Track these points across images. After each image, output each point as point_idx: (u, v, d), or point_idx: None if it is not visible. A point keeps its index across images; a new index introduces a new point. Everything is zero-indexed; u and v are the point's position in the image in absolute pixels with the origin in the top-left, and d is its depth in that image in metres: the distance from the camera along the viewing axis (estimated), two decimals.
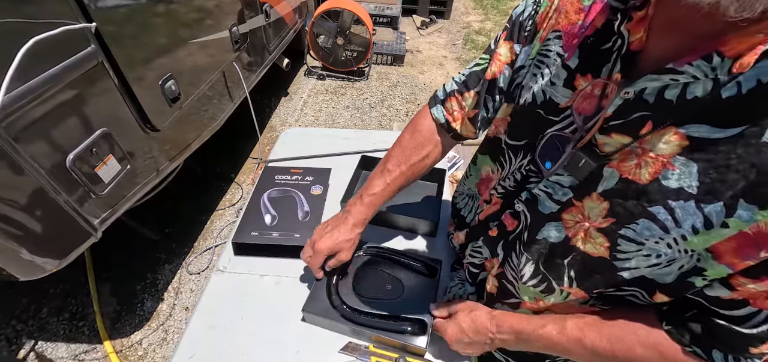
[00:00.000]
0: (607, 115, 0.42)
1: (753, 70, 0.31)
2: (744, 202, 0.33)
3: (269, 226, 0.87)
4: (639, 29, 0.39)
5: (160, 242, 1.93)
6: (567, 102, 0.48)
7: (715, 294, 0.39)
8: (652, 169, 0.39)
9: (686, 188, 0.36)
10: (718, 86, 0.33)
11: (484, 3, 5.49)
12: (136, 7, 1.17)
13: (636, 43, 0.39)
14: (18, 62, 0.78)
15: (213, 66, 1.62)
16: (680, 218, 0.37)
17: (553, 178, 0.50)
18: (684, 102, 0.36)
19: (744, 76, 0.32)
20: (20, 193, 0.88)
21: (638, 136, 0.39)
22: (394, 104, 3.17)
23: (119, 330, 1.60)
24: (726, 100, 0.33)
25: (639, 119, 0.39)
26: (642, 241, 0.41)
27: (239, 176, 2.37)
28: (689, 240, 0.38)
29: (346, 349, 0.69)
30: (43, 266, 0.97)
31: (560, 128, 0.49)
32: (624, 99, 0.40)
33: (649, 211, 0.39)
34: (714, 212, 0.35)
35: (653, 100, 0.38)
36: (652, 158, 0.38)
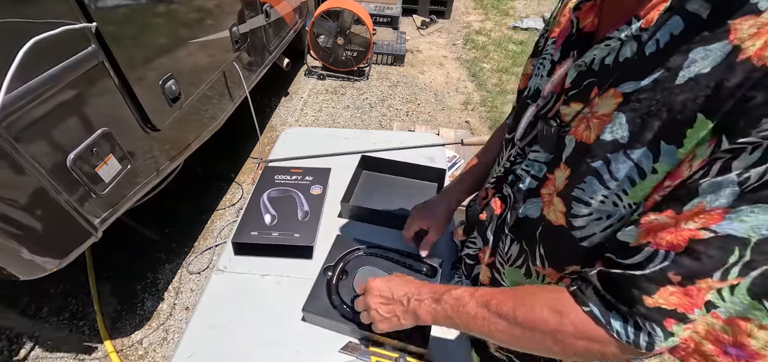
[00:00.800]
0: (566, 86, 0.48)
1: (666, 27, 0.36)
2: (665, 144, 0.35)
3: (269, 226, 0.87)
4: (589, 16, 0.47)
5: (160, 242, 1.93)
6: (547, 88, 0.54)
7: (624, 239, 0.40)
8: (597, 128, 0.42)
9: (619, 139, 0.39)
10: (641, 45, 0.38)
11: (485, 3, 5.49)
12: (136, 7, 1.17)
13: (588, 27, 0.47)
14: (18, 62, 0.79)
15: (213, 66, 1.63)
16: (615, 169, 0.40)
17: (531, 156, 0.53)
18: (618, 64, 0.41)
19: (660, 33, 0.37)
20: (21, 192, 0.88)
21: (588, 101, 0.44)
22: (395, 103, 3.17)
23: (120, 330, 1.60)
24: (649, 56, 0.37)
25: (588, 85, 0.44)
26: (589, 201, 0.43)
27: (239, 176, 2.37)
28: (630, 194, 0.39)
29: (346, 349, 0.69)
30: (44, 266, 0.97)
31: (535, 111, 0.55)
32: (578, 71, 0.46)
33: (592, 167, 0.42)
34: (643, 159, 0.37)
35: (598, 67, 0.44)
36: (597, 118, 0.42)
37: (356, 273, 0.77)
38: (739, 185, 0.31)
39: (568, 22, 0.52)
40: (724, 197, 0.32)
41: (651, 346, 0.37)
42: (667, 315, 0.36)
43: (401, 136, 1.28)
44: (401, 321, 0.59)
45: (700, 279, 0.34)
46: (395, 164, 1.06)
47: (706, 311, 0.35)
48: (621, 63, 0.40)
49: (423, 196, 1.00)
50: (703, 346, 0.35)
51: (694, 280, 0.34)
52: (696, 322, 0.35)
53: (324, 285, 0.75)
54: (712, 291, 0.34)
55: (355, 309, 0.67)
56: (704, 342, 0.35)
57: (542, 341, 0.44)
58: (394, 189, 1.03)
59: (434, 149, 1.21)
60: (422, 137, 1.29)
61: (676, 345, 0.37)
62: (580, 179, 0.43)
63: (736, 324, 0.33)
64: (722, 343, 0.34)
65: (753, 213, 0.30)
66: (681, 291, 0.35)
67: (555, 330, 0.43)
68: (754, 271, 0.32)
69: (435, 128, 2.65)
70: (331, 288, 0.74)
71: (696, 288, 0.34)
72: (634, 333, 0.38)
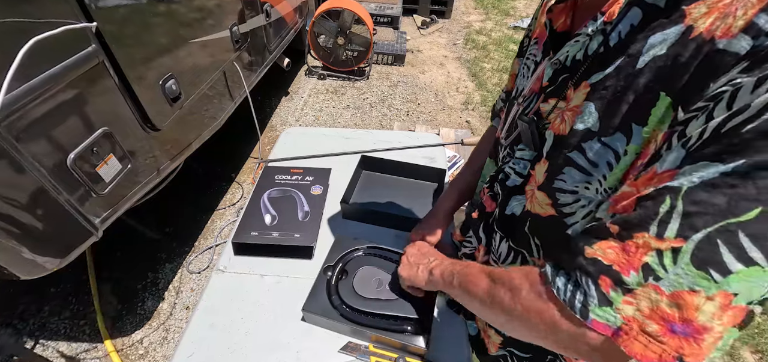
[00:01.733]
0: (544, 84, 0.49)
1: (627, 18, 0.38)
2: (635, 125, 0.37)
3: (269, 226, 0.87)
4: (561, 17, 0.50)
5: (160, 242, 1.93)
6: (527, 87, 0.56)
7: (600, 215, 0.40)
8: (570, 120, 0.43)
9: (591, 127, 0.40)
10: (606, 38, 0.40)
11: (485, 3, 5.49)
12: (136, 6, 1.17)
13: (561, 26, 0.50)
14: (19, 62, 0.79)
15: (213, 66, 1.63)
16: (592, 157, 0.41)
17: (518, 154, 0.55)
18: (587, 58, 0.43)
19: (622, 24, 0.38)
20: (21, 192, 0.88)
21: (564, 96, 0.45)
22: (395, 103, 3.17)
23: (120, 329, 1.60)
24: (613, 47, 0.39)
25: (563, 81, 0.46)
26: (573, 189, 0.44)
27: (240, 176, 2.37)
28: (608, 178, 0.40)
29: (346, 349, 0.69)
30: (44, 265, 0.97)
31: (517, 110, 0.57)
32: (554, 69, 0.48)
33: (569, 156, 0.43)
34: (617, 142, 0.38)
35: (570, 63, 0.45)
36: (570, 110, 0.43)
37: (356, 273, 0.77)
38: (684, 146, 0.31)
39: (542, 28, 0.55)
40: (671, 160, 0.32)
41: (585, 311, 0.35)
42: (602, 272, 0.34)
43: (401, 136, 1.28)
44: (418, 272, 0.66)
45: (637, 233, 0.33)
46: (395, 164, 1.06)
47: (643, 277, 0.32)
48: (589, 56, 0.42)
49: (423, 196, 1.01)
50: (648, 327, 0.32)
51: (631, 233, 0.33)
52: (638, 297, 0.32)
53: (324, 285, 0.75)
54: (650, 252, 0.32)
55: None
56: (648, 323, 0.32)
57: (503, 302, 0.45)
58: (394, 189, 1.03)
59: (434, 149, 1.21)
60: (422, 137, 1.29)
61: (619, 326, 0.33)
62: (559, 170, 0.45)
63: (682, 298, 0.30)
64: (668, 321, 0.31)
65: (696, 170, 0.30)
66: (619, 246, 0.34)
67: (516, 286, 0.44)
68: (697, 233, 0.30)
69: (435, 128, 2.65)
70: (330, 288, 0.74)
71: (633, 244, 0.33)
72: (572, 291, 0.37)
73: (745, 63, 0.29)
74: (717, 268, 0.29)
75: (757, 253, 0.28)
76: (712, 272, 0.29)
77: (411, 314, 0.70)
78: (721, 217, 0.29)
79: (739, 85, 0.28)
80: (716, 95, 0.30)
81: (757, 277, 0.28)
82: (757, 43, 0.28)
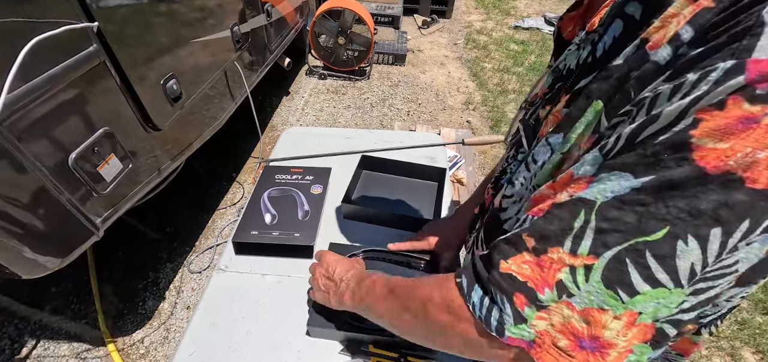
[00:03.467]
0: (545, 91, 0.49)
1: (611, 29, 0.37)
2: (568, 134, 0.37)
3: (269, 225, 0.87)
4: (569, 25, 0.49)
5: (161, 241, 1.93)
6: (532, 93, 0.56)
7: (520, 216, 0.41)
8: (551, 124, 0.43)
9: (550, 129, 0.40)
10: (594, 48, 0.39)
11: (486, 2, 5.48)
12: (137, 6, 1.17)
13: (568, 35, 0.48)
14: (20, 62, 0.79)
15: (214, 65, 1.63)
16: (536, 152, 0.42)
17: (519, 157, 0.54)
18: (579, 67, 0.42)
19: (607, 35, 0.37)
20: (23, 192, 0.88)
21: (557, 103, 0.44)
22: (396, 103, 3.17)
23: (121, 329, 1.60)
24: (599, 58, 0.38)
25: (558, 89, 0.46)
26: (514, 181, 0.45)
27: (240, 176, 2.37)
28: (538, 177, 0.41)
29: (347, 350, 0.70)
30: (46, 265, 0.97)
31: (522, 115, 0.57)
32: (553, 76, 0.47)
33: (531, 154, 0.44)
34: (556, 143, 0.39)
35: (565, 72, 0.45)
36: (553, 115, 0.43)
37: None
38: (600, 151, 0.31)
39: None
40: (588, 165, 0.32)
41: (501, 329, 0.35)
42: (518, 289, 0.34)
43: (402, 136, 1.28)
44: (331, 300, 0.64)
45: (551, 247, 0.33)
46: (396, 163, 1.06)
47: (557, 295, 0.33)
48: (580, 65, 0.42)
49: (424, 196, 1.00)
50: (559, 341, 0.33)
51: (546, 247, 0.33)
52: (551, 313, 0.33)
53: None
54: (564, 268, 0.32)
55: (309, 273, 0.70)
56: (559, 337, 0.33)
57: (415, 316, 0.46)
58: (394, 189, 1.03)
59: (435, 148, 1.21)
60: (423, 137, 1.29)
61: (532, 340, 0.34)
62: (519, 163, 0.46)
63: (592, 315, 0.31)
64: (578, 337, 0.32)
65: (609, 181, 0.30)
66: (534, 261, 0.34)
67: (426, 299, 0.43)
68: (608, 251, 0.30)
69: (436, 128, 2.65)
70: None
71: (548, 259, 0.33)
72: (488, 307, 0.36)
73: (668, 72, 0.29)
74: (625, 289, 0.30)
75: (662, 274, 0.28)
76: (620, 292, 0.30)
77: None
78: (631, 235, 0.29)
79: (658, 92, 0.28)
80: (639, 101, 0.30)
81: (663, 298, 0.29)
82: (679, 52, 0.28)
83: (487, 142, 1.51)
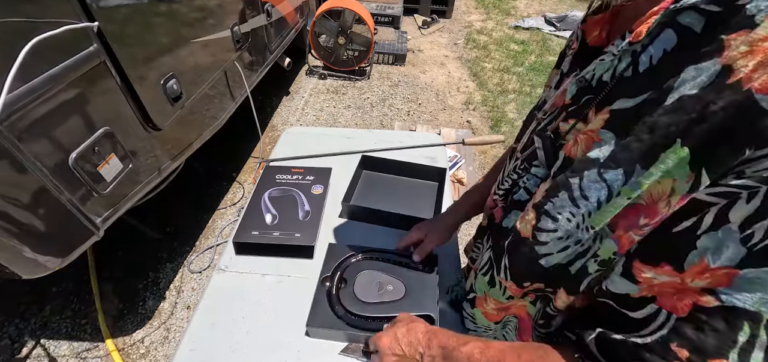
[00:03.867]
0: (566, 102, 0.45)
1: (659, 41, 0.33)
2: (639, 167, 0.32)
3: (270, 225, 0.87)
4: (595, 29, 0.44)
5: (161, 241, 1.93)
6: (550, 102, 0.52)
7: (622, 291, 0.36)
8: (585, 144, 0.39)
9: (600, 158, 0.36)
10: (636, 60, 0.35)
11: (486, 2, 5.48)
12: (138, 6, 1.17)
13: (594, 40, 0.45)
14: (20, 62, 0.79)
15: (215, 65, 1.63)
16: (586, 187, 0.37)
17: (532, 170, 0.52)
18: (615, 80, 0.38)
19: (653, 47, 0.33)
20: (23, 191, 0.88)
21: (585, 117, 0.41)
22: (396, 103, 3.17)
23: (121, 329, 1.60)
24: (642, 72, 0.34)
25: (586, 101, 0.42)
26: (557, 216, 0.40)
27: (241, 175, 2.37)
28: (593, 217, 0.37)
29: (347, 351, 0.69)
30: (46, 265, 0.97)
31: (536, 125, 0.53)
32: (578, 86, 0.43)
33: (569, 181, 0.39)
34: (614, 180, 0.34)
35: (595, 83, 0.41)
36: (585, 134, 0.39)
37: (356, 279, 0.76)
38: (744, 242, 0.27)
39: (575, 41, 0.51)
40: (727, 255, 0.28)
41: None
42: None
43: (402, 136, 1.28)
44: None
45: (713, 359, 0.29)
46: (396, 163, 1.06)
47: None
48: (616, 78, 0.38)
49: (424, 196, 1.00)
50: None
51: (705, 359, 0.30)
52: None
53: (324, 297, 0.74)
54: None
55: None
56: None
57: None
58: (395, 189, 1.03)
59: (435, 148, 1.21)
60: (423, 137, 1.29)
61: None
62: (555, 193, 0.41)
63: None
64: None
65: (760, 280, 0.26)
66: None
67: None
68: None
69: (436, 128, 2.65)
70: (332, 299, 0.74)
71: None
72: None
73: None
74: None
75: None
76: None
77: (416, 311, 0.70)
78: None
79: None
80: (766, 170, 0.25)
81: None
82: None
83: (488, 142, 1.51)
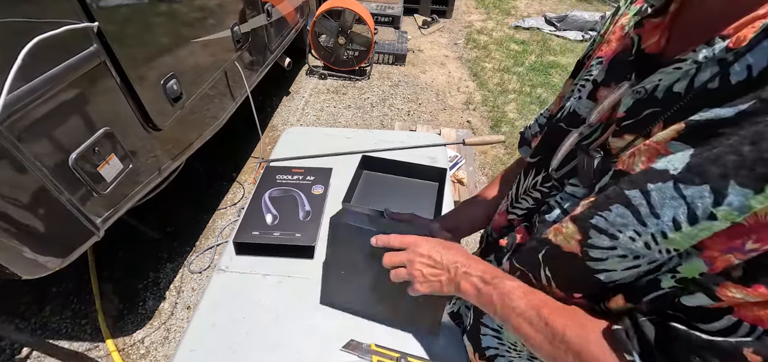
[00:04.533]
0: (619, 115, 0.41)
1: (762, 49, 0.28)
2: (736, 184, 0.27)
3: (270, 226, 0.87)
4: (654, 34, 0.39)
5: (162, 241, 1.93)
6: (587, 113, 0.47)
7: (696, 304, 0.32)
8: (646, 157, 0.35)
9: (671, 170, 0.31)
10: (726, 70, 0.30)
11: (486, 2, 5.48)
12: (138, 6, 1.17)
13: (652, 47, 0.39)
14: (20, 62, 0.79)
15: (215, 65, 1.63)
16: (656, 202, 0.32)
17: (569, 189, 0.48)
18: (692, 92, 0.33)
19: (754, 56, 0.29)
20: (23, 192, 0.88)
21: (649, 134, 0.36)
22: (396, 103, 3.17)
23: (121, 329, 1.60)
24: (736, 84, 0.30)
25: (650, 115, 0.37)
26: (615, 234, 0.36)
27: (241, 176, 2.37)
28: (670, 238, 0.32)
29: (348, 347, 0.69)
30: (46, 265, 0.97)
31: (578, 139, 0.48)
32: (635, 98, 0.39)
33: (625, 194, 0.34)
34: (699, 198, 0.29)
35: (662, 95, 0.36)
36: (647, 146, 0.35)
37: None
38: None
39: (622, 41, 0.46)
40: None
41: None
42: None
43: (402, 136, 1.28)
44: (443, 288, 0.56)
45: None
46: (396, 163, 1.06)
47: None
48: (696, 90, 0.33)
49: (424, 196, 1.00)
50: None
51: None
52: None
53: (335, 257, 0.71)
54: None
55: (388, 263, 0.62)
56: None
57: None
58: (395, 189, 1.03)
59: (436, 148, 1.20)
60: (423, 137, 1.29)
61: None
62: (605, 206, 0.37)
63: None
64: None
65: None
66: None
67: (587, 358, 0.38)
68: None
69: (436, 128, 2.64)
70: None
71: None
72: None
73: None
74: None
75: None
76: None
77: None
78: None
79: None
80: None
81: None
82: None
83: (488, 142, 1.51)
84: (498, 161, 2.64)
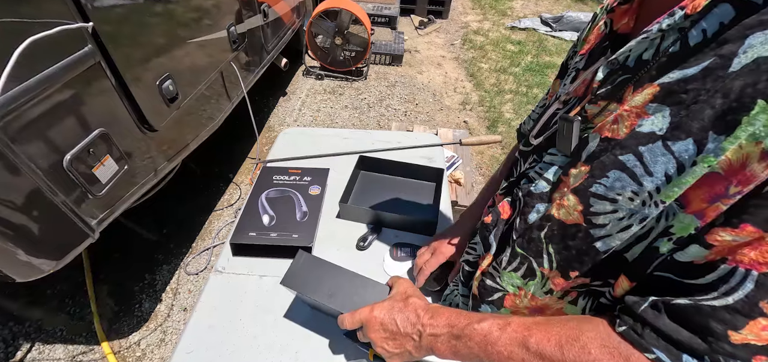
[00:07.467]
0: (595, 85, 0.45)
1: (713, 15, 0.33)
2: (713, 134, 0.31)
3: (267, 226, 0.87)
4: (624, 18, 0.45)
5: (158, 243, 1.92)
6: (567, 91, 0.52)
7: (688, 258, 0.34)
8: (628, 122, 0.38)
9: (657, 131, 0.35)
10: (684, 36, 0.35)
11: (483, 3, 5.50)
12: (133, 6, 1.16)
13: (623, 28, 0.46)
14: (14, 62, 0.78)
15: (211, 66, 1.62)
16: (648, 161, 0.36)
17: (546, 159, 0.51)
18: (658, 58, 0.37)
19: (706, 22, 0.33)
20: (17, 193, 0.87)
21: (621, 98, 0.41)
22: (393, 103, 3.17)
23: (117, 331, 1.59)
24: (694, 46, 0.34)
25: (621, 82, 0.41)
26: (614, 197, 0.39)
27: (237, 177, 2.36)
28: (663, 191, 0.35)
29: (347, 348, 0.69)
30: (41, 267, 0.96)
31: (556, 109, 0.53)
32: (610, 68, 0.43)
33: (620, 160, 0.38)
34: (684, 151, 0.33)
35: (633, 63, 0.41)
36: (627, 111, 0.39)
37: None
38: None
39: (598, 34, 0.51)
40: None
41: None
42: (758, 352, 0.31)
43: (399, 136, 1.28)
44: (414, 355, 0.54)
45: None
46: (393, 164, 1.06)
47: None
48: (661, 55, 0.37)
49: (421, 196, 1.00)
50: None
51: None
52: None
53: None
54: None
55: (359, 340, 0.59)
56: None
57: None
58: (392, 189, 1.03)
59: (433, 149, 1.21)
60: (420, 137, 1.29)
61: None
62: (602, 173, 0.39)
63: None
64: None
65: None
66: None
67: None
68: None
69: (433, 128, 2.65)
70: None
71: None
72: None
73: None
74: None
75: None
76: None
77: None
78: None
79: None
80: None
81: None
82: None
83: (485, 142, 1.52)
84: (494, 161, 2.65)
